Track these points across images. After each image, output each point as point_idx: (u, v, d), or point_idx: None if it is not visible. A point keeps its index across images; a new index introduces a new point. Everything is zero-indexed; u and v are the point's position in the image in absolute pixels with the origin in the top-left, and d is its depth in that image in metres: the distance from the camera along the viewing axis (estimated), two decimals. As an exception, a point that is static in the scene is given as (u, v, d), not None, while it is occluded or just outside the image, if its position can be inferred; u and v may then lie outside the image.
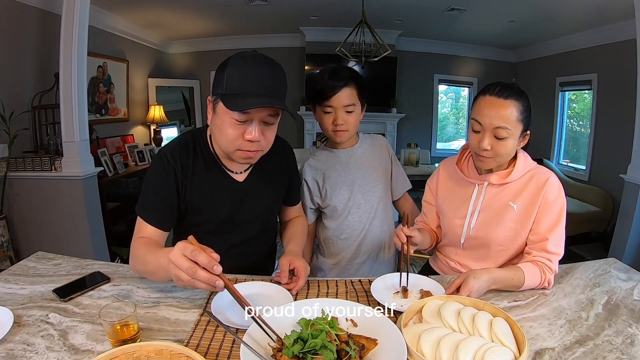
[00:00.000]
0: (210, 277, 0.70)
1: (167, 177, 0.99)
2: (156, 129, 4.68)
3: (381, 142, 1.46)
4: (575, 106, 4.82)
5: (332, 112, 1.25)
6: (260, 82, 0.88)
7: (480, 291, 0.92)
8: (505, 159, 1.05)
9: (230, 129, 0.90)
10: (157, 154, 1.02)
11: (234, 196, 1.06)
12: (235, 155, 0.95)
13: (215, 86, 0.91)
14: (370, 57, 3.94)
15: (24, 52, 2.87)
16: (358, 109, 1.28)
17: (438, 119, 5.99)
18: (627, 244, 2.54)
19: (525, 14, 3.90)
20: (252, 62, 0.89)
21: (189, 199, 1.02)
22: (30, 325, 0.80)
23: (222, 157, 1.04)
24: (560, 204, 1.04)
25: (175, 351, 0.66)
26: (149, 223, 0.99)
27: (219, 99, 0.89)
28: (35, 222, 2.69)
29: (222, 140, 0.93)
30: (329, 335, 0.67)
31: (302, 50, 5.39)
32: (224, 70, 0.89)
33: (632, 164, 2.55)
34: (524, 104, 1.00)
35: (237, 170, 1.06)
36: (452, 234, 1.18)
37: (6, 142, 2.55)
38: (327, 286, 1.02)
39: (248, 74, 0.88)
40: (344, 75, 1.24)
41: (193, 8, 4.04)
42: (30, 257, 1.13)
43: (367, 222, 1.38)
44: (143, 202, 1.00)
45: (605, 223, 3.81)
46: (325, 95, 1.23)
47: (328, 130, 1.29)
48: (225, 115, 0.89)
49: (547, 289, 1.00)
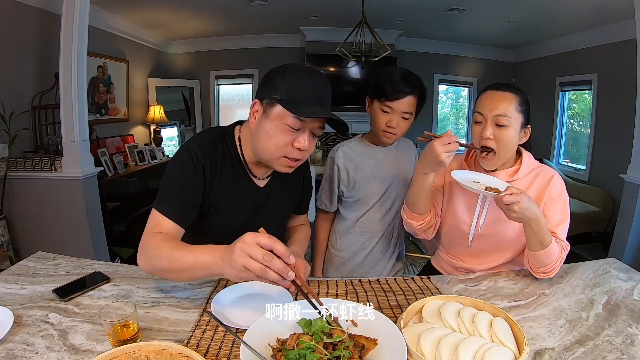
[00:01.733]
0: (285, 267, 0.70)
1: (196, 172, 0.95)
2: (156, 129, 4.68)
3: (412, 147, 1.51)
4: (575, 106, 4.82)
5: (390, 114, 1.27)
6: (318, 94, 0.92)
7: (525, 209, 0.91)
8: (507, 151, 1.06)
9: (281, 135, 0.90)
10: (184, 149, 0.97)
11: (254, 201, 1.06)
12: (278, 162, 0.95)
13: (270, 91, 0.91)
14: (370, 57, 3.94)
15: (24, 52, 2.87)
16: (412, 118, 1.32)
17: (438, 118, 5.98)
18: (627, 244, 2.54)
19: (525, 14, 3.90)
20: (310, 74, 0.93)
21: (213, 198, 1.00)
22: (30, 325, 0.80)
23: (249, 161, 1.03)
24: (564, 199, 1.08)
25: (175, 351, 0.66)
26: (171, 219, 0.92)
27: (277, 104, 0.89)
28: (35, 222, 2.69)
29: (270, 145, 0.92)
30: (317, 352, 0.66)
31: (302, 50, 5.38)
32: (282, 76, 0.90)
33: (632, 164, 2.55)
34: (522, 98, 1.05)
35: (261, 176, 1.06)
36: (460, 232, 1.17)
37: (6, 142, 2.55)
38: (327, 286, 1.02)
39: (308, 85, 0.91)
40: (414, 83, 1.26)
41: (193, 8, 4.03)
42: (30, 257, 1.13)
43: (388, 220, 1.41)
44: (166, 197, 0.95)
45: (605, 223, 3.81)
46: (390, 96, 1.25)
47: (379, 128, 1.30)
48: (279, 121, 0.89)
49: (552, 274, 1.01)
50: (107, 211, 3.04)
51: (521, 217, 0.93)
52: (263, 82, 0.94)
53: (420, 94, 1.28)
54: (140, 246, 0.90)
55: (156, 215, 0.93)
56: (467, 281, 1.06)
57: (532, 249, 1.00)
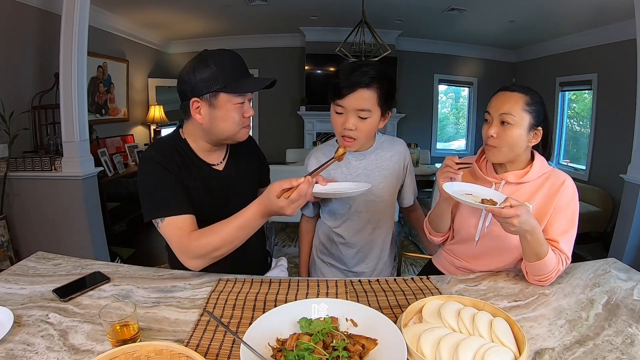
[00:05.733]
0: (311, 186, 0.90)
1: (168, 171, 1.01)
2: (156, 129, 4.69)
3: (400, 148, 1.31)
4: (575, 106, 4.82)
5: (343, 114, 1.12)
6: (241, 66, 1.03)
7: (524, 222, 0.89)
8: (511, 150, 1.05)
9: (233, 113, 1.02)
10: (145, 161, 1.03)
11: (220, 184, 1.13)
12: (240, 133, 1.06)
13: (205, 85, 0.98)
14: (370, 57, 3.94)
15: (24, 52, 2.87)
16: (375, 116, 1.12)
17: (438, 118, 5.99)
18: (627, 244, 2.54)
19: (525, 14, 3.90)
20: (225, 53, 1.02)
21: (187, 191, 1.05)
22: (30, 325, 0.80)
23: (201, 152, 1.10)
24: (573, 207, 1.05)
25: (175, 351, 0.66)
26: (182, 213, 0.98)
27: (219, 93, 0.99)
28: (35, 222, 2.69)
29: (229, 125, 1.03)
30: (316, 352, 0.66)
31: (302, 50, 5.39)
32: (208, 68, 0.98)
33: (632, 164, 2.55)
34: (532, 98, 1.03)
35: (216, 162, 1.13)
36: (466, 232, 1.17)
37: (6, 142, 2.55)
38: (326, 286, 1.02)
39: (231, 63, 1.01)
40: (367, 73, 1.07)
41: (193, 8, 4.04)
42: (30, 257, 1.13)
43: (368, 231, 1.30)
44: (160, 204, 0.98)
45: (605, 223, 3.81)
46: (340, 92, 1.09)
47: (338, 133, 1.17)
48: (228, 104, 1.00)
49: (545, 283, 1.00)
50: (107, 211, 3.04)
51: (519, 230, 0.91)
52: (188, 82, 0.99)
53: (379, 86, 1.09)
54: (182, 253, 0.98)
55: (167, 223, 0.97)
56: (467, 281, 1.06)
57: (527, 259, 0.99)
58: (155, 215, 0.98)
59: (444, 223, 1.19)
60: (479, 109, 5.89)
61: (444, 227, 1.20)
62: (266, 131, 5.72)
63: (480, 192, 1.03)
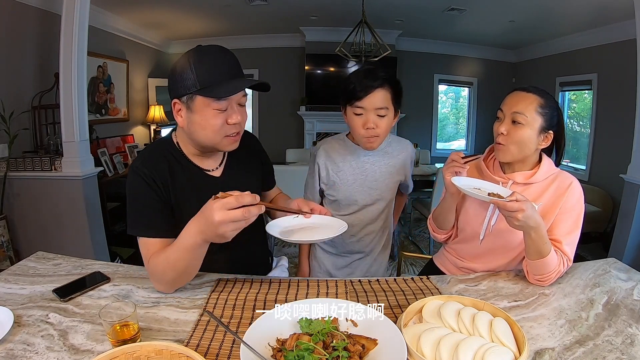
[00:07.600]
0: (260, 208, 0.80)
1: (149, 187, 0.96)
2: (156, 129, 4.68)
3: (407, 149, 1.40)
4: (575, 106, 4.82)
5: (364, 115, 1.20)
6: (225, 68, 0.93)
7: (528, 217, 0.89)
8: (520, 149, 1.05)
9: (213, 120, 0.92)
10: (131, 172, 0.98)
11: (215, 191, 1.07)
12: (222, 143, 0.97)
13: (184, 87, 0.91)
14: (370, 57, 3.94)
15: (24, 52, 2.87)
16: (391, 114, 1.22)
17: (438, 118, 5.99)
18: (627, 244, 2.54)
19: (525, 14, 3.90)
20: (212, 52, 0.94)
21: (175, 202, 1.00)
22: (30, 325, 0.80)
23: (194, 157, 1.04)
24: (579, 209, 1.05)
25: (175, 351, 0.66)
26: (153, 236, 0.94)
27: (195, 95, 0.90)
28: (35, 222, 2.69)
29: (208, 133, 0.94)
30: (316, 352, 0.66)
31: (302, 50, 5.38)
32: (189, 67, 0.91)
33: (632, 164, 2.55)
34: (547, 102, 1.04)
35: (212, 168, 1.07)
36: (471, 230, 1.17)
37: (6, 142, 2.55)
38: (326, 286, 1.02)
39: (215, 64, 0.92)
40: (379, 76, 1.18)
41: (193, 8, 4.03)
42: (30, 257, 1.13)
43: (369, 222, 1.38)
44: (138, 221, 0.96)
45: (605, 223, 3.80)
46: (358, 95, 1.18)
47: (359, 134, 1.23)
48: (206, 109, 0.91)
49: (545, 283, 1.00)
50: (107, 211, 3.04)
51: (524, 225, 0.91)
52: (172, 80, 0.94)
53: (391, 86, 1.20)
54: (150, 276, 0.95)
55: (141, 241, 0.95)
56: (467, 281, 1.06)
57: (529, 257, 0.99)
58: (132, 232, 0.96)
59: (449, 219, 1.20)
60: (479, 109, 5.89)
61: (449, 223, 1.21)
62: (266, 131, 5.72)
63: (487, 187, 1.04)
